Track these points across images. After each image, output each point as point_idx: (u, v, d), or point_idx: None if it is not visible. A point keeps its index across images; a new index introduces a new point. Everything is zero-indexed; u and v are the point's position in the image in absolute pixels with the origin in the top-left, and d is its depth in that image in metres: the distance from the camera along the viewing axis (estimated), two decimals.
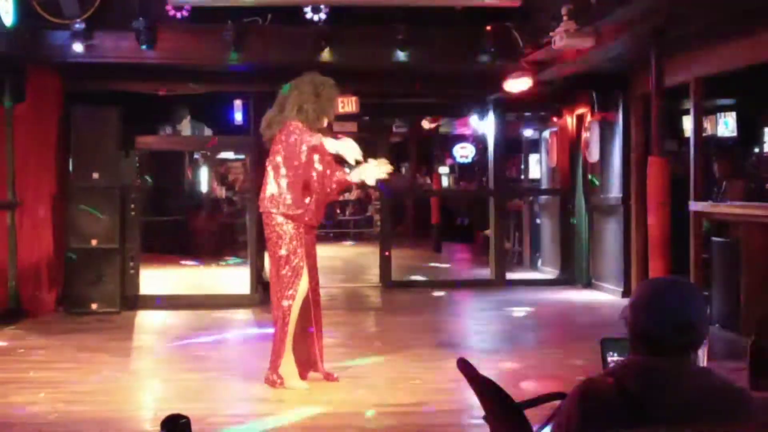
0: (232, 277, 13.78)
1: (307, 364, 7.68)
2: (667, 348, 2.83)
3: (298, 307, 7.45)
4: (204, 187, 21.55)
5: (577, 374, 7.19)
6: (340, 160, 7.63)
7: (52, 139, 11.57)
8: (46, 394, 7.32)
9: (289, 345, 7.49)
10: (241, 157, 20.68)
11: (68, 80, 11.60)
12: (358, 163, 7.55)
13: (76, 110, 11.55)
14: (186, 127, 13.83)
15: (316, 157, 7.53)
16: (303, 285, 7.45)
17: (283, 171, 7.41)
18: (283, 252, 7.41)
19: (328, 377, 7.66)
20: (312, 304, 7.59)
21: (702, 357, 3.12)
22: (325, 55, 10.93)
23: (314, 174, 7.55)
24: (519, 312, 11.64)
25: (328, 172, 7.66)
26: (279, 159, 7.43)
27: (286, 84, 7.71)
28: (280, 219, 7.41)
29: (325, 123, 7.64)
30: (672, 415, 2.72)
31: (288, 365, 7.51)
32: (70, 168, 11.55)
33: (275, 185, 7.44)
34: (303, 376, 7.63)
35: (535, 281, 14.46)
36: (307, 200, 7.46)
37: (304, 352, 7.66)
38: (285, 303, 7.41)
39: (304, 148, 7.32)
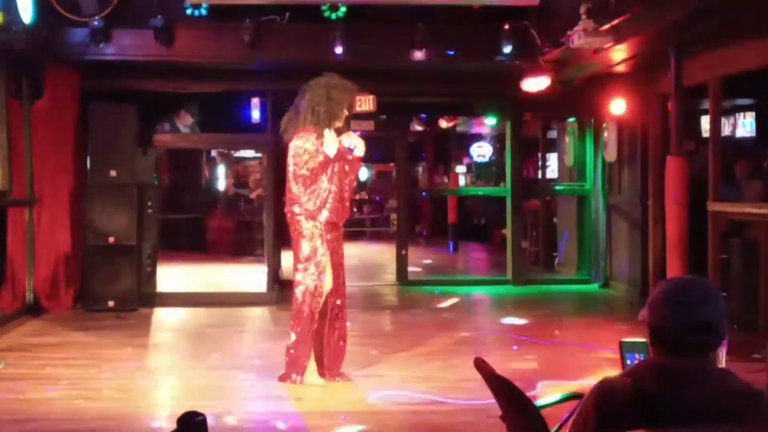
0: (249, 275, 13.79)
1: (324, 361, 7.69)
2: (686, 348, 2.82)
3: (320, 306, 7.48)
4: (221, 185, 21.57)
5: (594, 374, 7.16)
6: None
7: (70, 137, 11.58)
8: (63, 391, 7.35)
9: (311, 342, 7.52)
10: (259, 155, 20.68)
11: (86, 78, 11.62)
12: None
13: (94, 108, 11.58)
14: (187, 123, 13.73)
15: (331, 161, 7.53)
16: (326, 284, 7.47)
17: (299, 173, 7.45)
18: (304, 250, 7.43)
19: (337, 377, 7.67)
20: (334, 305, 7.62)
21: (722, 358, 3.10)
22: (343, 53, 10.91)
23: (326, 176, 7.53)
24: (536, 311, 11.60)
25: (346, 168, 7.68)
26: (293, 162, 7.48)
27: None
28: (301, 218, 7.44)
29: (338, 124, 7.64)
30: (689, 415, 2.70)
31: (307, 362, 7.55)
32: (88, 165, 11.57)
33: (294, 186, 7.47)
34: (321, 373, 7.63)
35: (553, 280, 14.42)
36: (325, 199, 7.46)
37: (323, 350, 7.67)
38: (308, 300, 7.42)
39: (320, 158, 7.41)
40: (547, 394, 3.73)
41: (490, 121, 17.15)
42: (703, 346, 2.84)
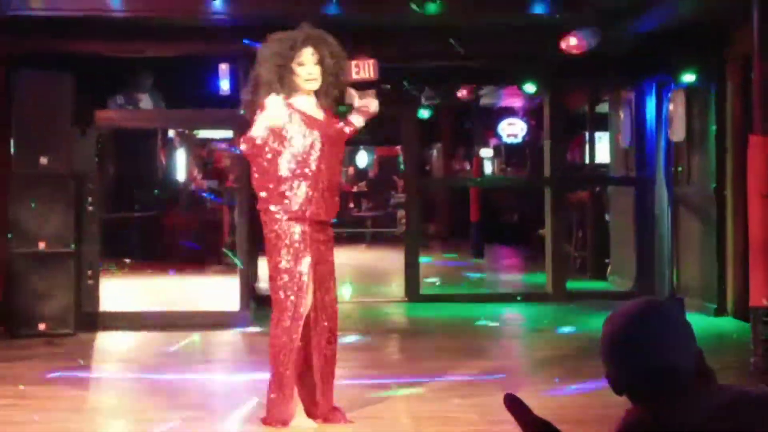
0: (217, 290, 13.79)
1: (314, 399, 7.66)
2: (649, 396, 2.97)
3: (299, 331, 7.43)
4: (181, 176, 21.59)
5: None
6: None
7: None
8: None
9: (293, 375, 7.48)
10: (229, 135, 20.67)
11: (9, 39, 11.60)
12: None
13: (19, 77, 11.56)
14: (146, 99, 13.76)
15: (310, 137, 7.47)
16: (308, 302, 7.43)
17: (262, 162, 7.41)
18: (283, 258, 7.38)
19: (335, 418, 7.64)
20: (322, 327, 7.58)
21: None
22: (336, 6, 10.90)
23: (313, 159, 7.49)
24: (582, 333, 11.59)
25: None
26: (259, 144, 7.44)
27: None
28: (279, 216, 7.38)
29: (305, 97, 7.55)
30: None
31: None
32: (11, 151, 11.55)
33: (268, 176, 7.42)
34: (311, 413, 7.60)
35: (603, 294, 14.41)
36: (305, 190, 7.42)
37: (312, 384, 7.64)
38: (286, 323, 7.39)
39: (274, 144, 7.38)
40: None
41: (524, 90, 17.16)
42: (668, 391, 2.96)
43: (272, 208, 7.40)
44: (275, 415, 7.49)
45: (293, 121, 7.40)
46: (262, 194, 7.45)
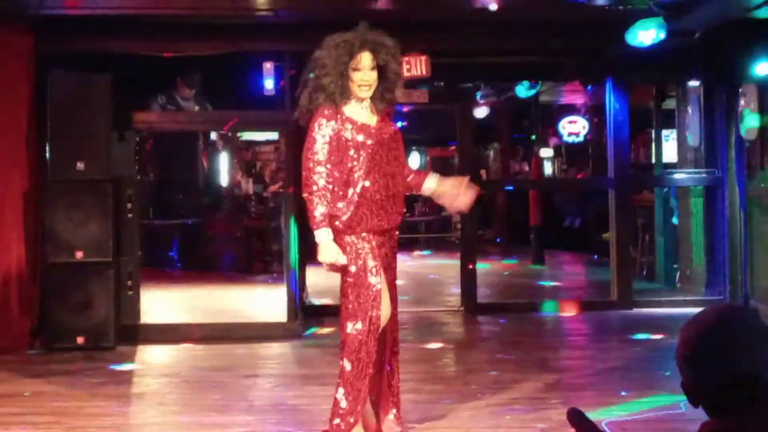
0: (263, 301, 13.81)
1: (378, 412, 7.65)
2: (730, 406, 2.94)
3: (376, 342, 7.41)
4: (224, 180, 21.66)
5: None
6: None
7: (23, 118, 11.64)
8: None
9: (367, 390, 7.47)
10: (274, 138, 20.73)
11: (43, 39, 11.68)
12: None
13: (55, 79, 11.61)
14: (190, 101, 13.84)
15: (362, 147, 7.46)
16: (384, 312, 7.38)
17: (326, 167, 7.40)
18: (351, 270, 7.36)
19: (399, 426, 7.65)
20: (393, 337, 7.60)
21: None
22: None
23: (368, 169, 7.45)
24: (649, 344, 11.55)
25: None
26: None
27: None
28: (341, 229, 7.36)
29: (357, 103, 7.53)
30: None
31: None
32: (47, 156, 11.63)
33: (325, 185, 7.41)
34: (368, 426, 7.58)
35: (672, 302, 14.33)
36: (363, 202, 7.40)
37: (377, 398, 7.63)
38: (362, 336, 7.35)
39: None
40: None
41: (585, 87, 17.09)
42: (748, 402, 2.93)
43: (334, 221, 7.37)
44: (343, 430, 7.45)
45: (344, 131, 7.38)
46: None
